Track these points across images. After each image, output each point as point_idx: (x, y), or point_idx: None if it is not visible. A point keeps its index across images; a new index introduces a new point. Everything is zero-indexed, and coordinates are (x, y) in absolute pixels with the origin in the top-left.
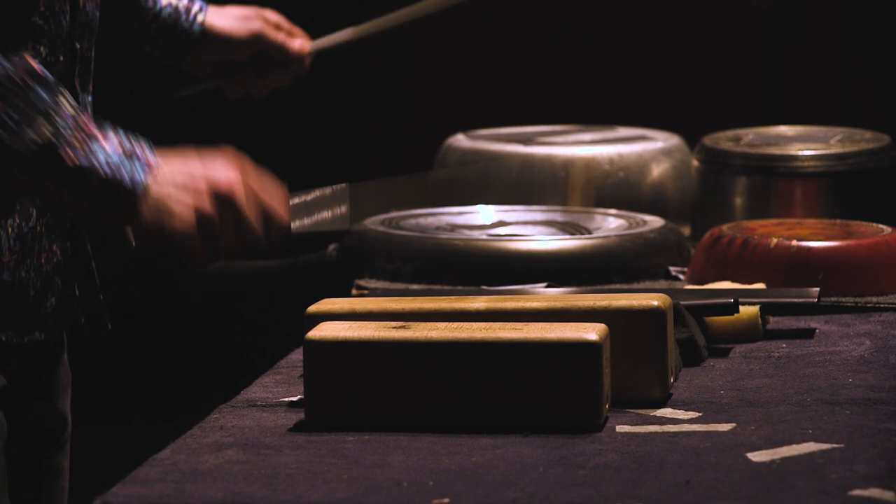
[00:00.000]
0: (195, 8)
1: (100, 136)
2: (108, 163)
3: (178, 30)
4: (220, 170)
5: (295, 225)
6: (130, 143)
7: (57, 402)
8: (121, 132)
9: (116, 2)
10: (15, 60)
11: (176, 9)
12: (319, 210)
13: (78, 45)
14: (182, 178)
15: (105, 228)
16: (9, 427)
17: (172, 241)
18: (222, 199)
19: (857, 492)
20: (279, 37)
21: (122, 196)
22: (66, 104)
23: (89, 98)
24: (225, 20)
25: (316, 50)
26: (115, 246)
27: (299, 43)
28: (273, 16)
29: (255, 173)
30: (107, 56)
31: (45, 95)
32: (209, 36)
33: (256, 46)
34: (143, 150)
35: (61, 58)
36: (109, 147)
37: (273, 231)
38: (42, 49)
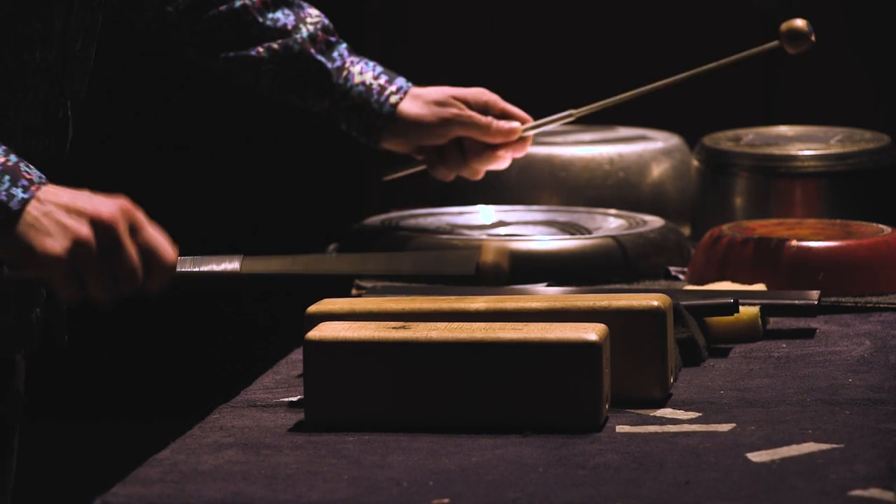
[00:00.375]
0: (391, 88)
1: None
2: None
3: (368, 110)
4: (107, 203)
5: (181, 269)
6: (16, 160)
7: (15, 385)
8: (9, 151)
9: (307, 77)
10: None
11: (369, 88)
12: (209, 262)
13: (71, 46)
14: (65, 199)
15: None
16: None
17: (41, 265)
18: (103, 228)
19: (857, 492)
20: (481, 121)
21: None
22: None
23: (80, 99)
24: (416, 105)
25: (531, 129)
26: None
27: (508, 127)
28: (483, 96)
29: (144, 216)
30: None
31: None
32: (400, 120)
33: (452, 132)
34: (28, 169)
35: (53, 59)
36: None
37: (155, 270)
38: (37, 53)
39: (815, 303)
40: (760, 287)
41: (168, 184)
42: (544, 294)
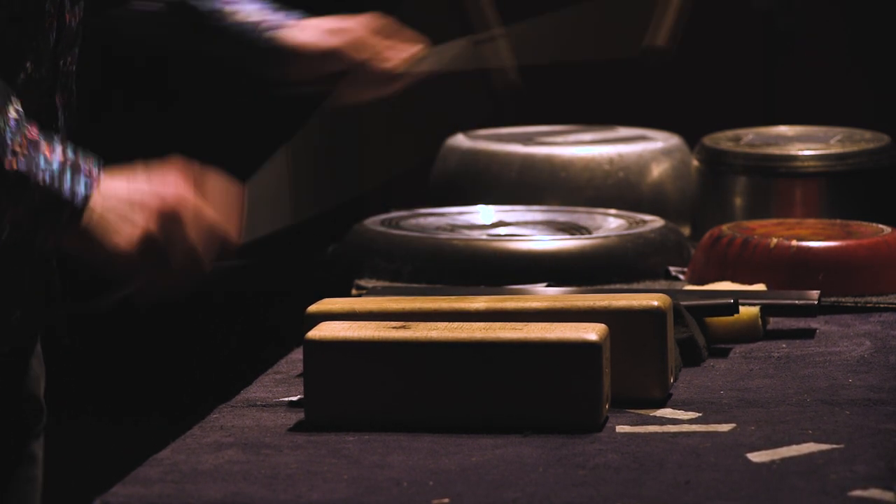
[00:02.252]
0: (273, 19)
1: (43, 144)
2: (48, 171)
3: (253, 43)
4: (166, 189)
5: (243, 238)
6: (75, 155)
7: (30, 390)
8: (68, 145)
9: (198, 22)
10: None
11: (255, 24)
12: (262, 210)
13: (60, 62)
14: (127, 192)
15: (46, 246)
16: None
17: (112, 261)
18: (166, 218)
19: (857, 492)
20: (364, 53)
21: (61, 207)
22: (13, 109)
23: (68, 113)
24: (307, 34)
25: (413, 72)
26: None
27: (393, 62)
28: (373, 23)
29: (205, 185)
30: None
31: None
32: (291, 51)
33: (340, 63)
34: (89, 163)
35: (45, 72)
36: (51, 155)
37: (221, 249)
38: (28, 65)
39: (815, 303)
40: (760, 287)
41: None
42: (544, 294)
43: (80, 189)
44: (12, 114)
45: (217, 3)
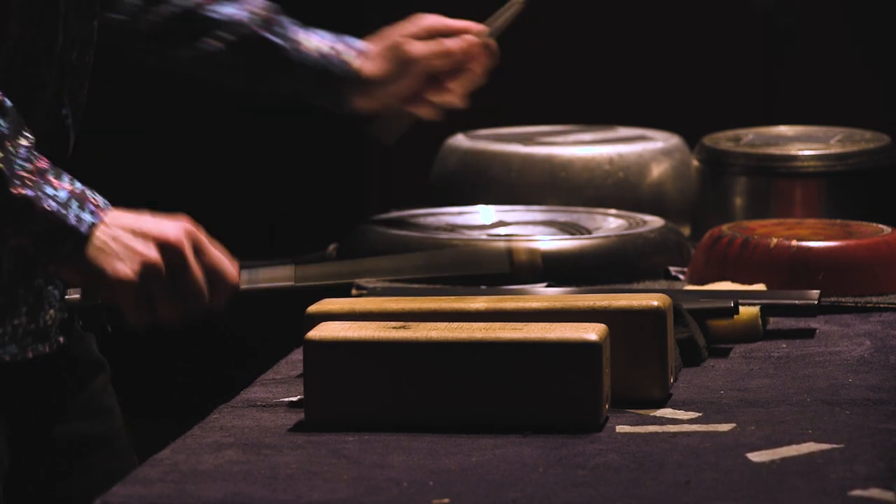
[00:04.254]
0: (347, 52)
1: (50, 172)
2: (54, 198)
3: (329, 76)
4: (170, 224)
5: (243, 285)
6: (82, 188)
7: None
8: (71, 179)
9: (265, 60)
10: None
11: (326, 56)
12: (264, 275)
13: (68, 57)
14: (131, 222)
15: (47, 273)
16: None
17: (112, 288)
18: (169, 249)
19: (857, 492)
20: (435, 49)
21: (65, 234)
22: (24, 138)
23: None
24: (371, 63)
25: (490, 33)
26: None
27: (464, 43)
28: (424, 22)
29: (205, 236)
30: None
31: (1, 122)
32: (364, 79)
33: (415, 73)
34: (95, 196)
35: (51, 70)
36: (58, 184)
37: (219, 288)
38: (38, 66)
39: (815, 303)
40: (760, 287)
41: (168, 185)
42: (544, 294)
43: (87, 217)
44: (23, 142)
45: (291, 32)
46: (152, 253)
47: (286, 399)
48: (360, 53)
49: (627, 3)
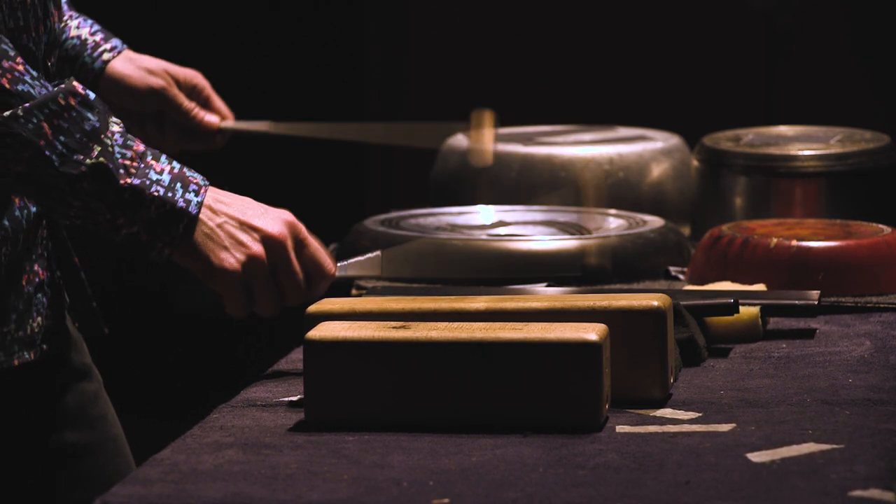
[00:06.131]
0: (105, 46)
1: (149, 154)
2: (159, 182)
3: (80, 63)
4: (275, 218)
5: (337, 274)
6: (179, 166)
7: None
8: (168, 158)
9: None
10: (57, 83)
11: (84, 42)
12: (355, 267)
13: (49, 64)
14: (237, 212)
15: (161, 259)
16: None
17: (217, 278)
18: (274, 245)
19: (857, 492)
20: (184, 103)
21: (176, 217)
22: (114, 124)
23: None
24: (128, 67)
25: (229, 130)
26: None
27: (209, 118)
28: (194, 79)
29: (305, 230)
30: None
31: (90, 116)
32: (109, 78)
33: (155, 103)
34: (193, 175)
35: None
36: (159, 166)
37: (317, 281)
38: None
39: (815, 303)
40: (760, 287)
41: None
42: (544, 294)
43: (192, 197)
44: (116, 128)
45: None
46: (257, 247)
47: (286, 399)
48: (116, 51)
49: (628, 4)
